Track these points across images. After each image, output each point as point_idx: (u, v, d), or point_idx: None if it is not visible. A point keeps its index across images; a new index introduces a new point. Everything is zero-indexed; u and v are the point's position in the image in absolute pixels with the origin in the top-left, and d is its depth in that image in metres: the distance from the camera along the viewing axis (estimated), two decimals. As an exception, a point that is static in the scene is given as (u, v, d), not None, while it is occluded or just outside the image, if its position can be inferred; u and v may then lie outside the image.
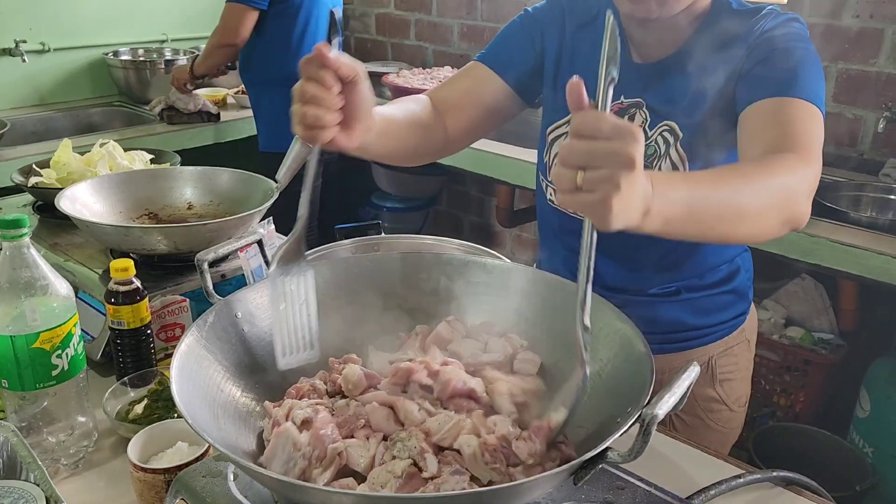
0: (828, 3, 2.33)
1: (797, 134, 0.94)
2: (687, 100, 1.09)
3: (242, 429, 0.84)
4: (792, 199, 0.88)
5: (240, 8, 2.44)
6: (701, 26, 1.10)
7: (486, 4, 3.27)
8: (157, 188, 1.54)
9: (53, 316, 0.96)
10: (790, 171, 0.88)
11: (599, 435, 0.74)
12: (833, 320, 2.32)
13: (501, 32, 1.26)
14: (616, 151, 0.64)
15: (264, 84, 2.61)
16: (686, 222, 0.78)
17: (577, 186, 0.66)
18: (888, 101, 2.26)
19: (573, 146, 0.66)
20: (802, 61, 1.01)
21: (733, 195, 0.83)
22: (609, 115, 0.66)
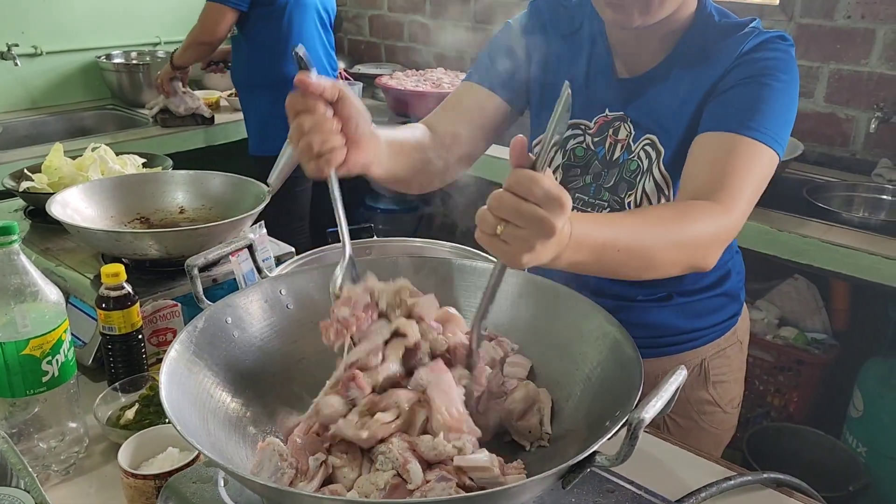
0: (819, 3, 2.34)
1: (731, 183, 0.95)
2: (668, 115, 1.09)
3: (233, 434, 0.84)
4: (701, 250, 0.92)
5: (218, 7, 2.46)
6: (683, 39, 1.09)
7: (480, 7, 3.28)
8: (149, 192, 1.54)
9: (43, 322, 0.96)
10: (708, 222, 0.91)
11: (588, 438, 0.74)
12: (826, 320, 2.32)
13: (486, 49, 1.25)
14: (540, 219, 0.68)
15: (252, 87, 2.61)
16: (593, 266, 0.82)
17: (496, 234, 0.70)
18: (880, 101, 2.27)
19: (503, 200, 0.69)
20: (772, 95, 1.00)
21: (646, 246, 0.87)
22: (544, 179, 0.68)
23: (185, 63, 2.74)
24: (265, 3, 2.50)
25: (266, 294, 1.00)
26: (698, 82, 1.07)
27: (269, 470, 0.76)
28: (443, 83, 3.03)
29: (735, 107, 1.00)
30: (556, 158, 1.20)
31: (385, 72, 3.31)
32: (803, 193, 2.10)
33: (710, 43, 1.07)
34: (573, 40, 1.18)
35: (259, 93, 2.60)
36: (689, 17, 1.09)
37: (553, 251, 0.72)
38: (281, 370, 0.95)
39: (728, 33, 1.07)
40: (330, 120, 0.84)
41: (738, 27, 1.07)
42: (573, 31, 1.18)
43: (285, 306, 1.00)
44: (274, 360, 0.96)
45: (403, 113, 3.03)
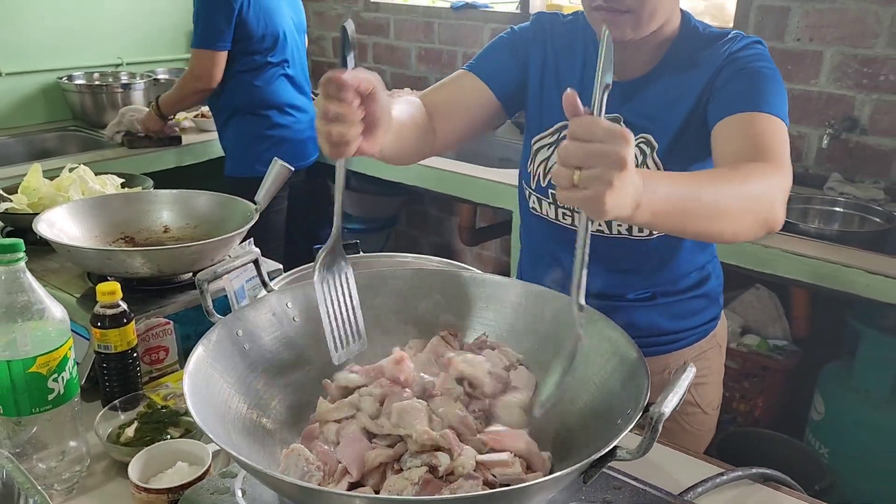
0: (771, 26, 2.47)
1: (767, 145, 1.01)
2: (661, 115, 1.16)
3: (253, 444, 0.85)
4: (767, 203, 0.95)
5: (209, 54, 2.47)
6: (672, 48, 1.18)
7: (443, 29, 3.34)
8: (133, 211, 1.54)
9: (50, 340, 0.96)
10: (764, 178, 0.95)
11: (601, 437, 0.78)
12: (787, 327, 2.42)
13: (488, 46, 1.32)
14: (609, 153, 0.71)
15: (232, 111, 2.62)
16: (671, 215, 0.85)
17: (574, 184, 0.72)
18: (830, 119, 2.39)
19: (570, 148, 0.72)
20: (767, 79, 1.09)
21: (714, 194, 0.90)
22: (602, 121, 0.72)
23: (176, 112, 2.76)
24: (245, 37, 2.52)
25: (273, 307, 1.01)
26: (690, 83, 1.15)
27: (297, 474, 0.77)
28: (410, 103, 3.07)
29: (741, 92, 1.08)
30: (552, 156, 1.25)
31: (351, 92, 3.33)
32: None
33: (696, 51, 1.16)
34: (569, 51, 1.25)
35: (238, 117, 2.61)
36: (674, 29, 1.18)
37: (632, 193, 0.74)
38: (291, 380, 0.97)
39: (713, 41, 1.16)
40: (354, 112, 0.85)
41: (721, 35, 1.17)
42: (569, 43, 1.25)
43: (292, 318, 1.02)
44: (284, 371, 0.98)
45: (371, 132, 3.06)
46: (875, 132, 2.35)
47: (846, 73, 2.36)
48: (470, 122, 1.28)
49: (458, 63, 3.33)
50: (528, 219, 1.35)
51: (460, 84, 1.29)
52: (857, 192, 2.32)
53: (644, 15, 1.08)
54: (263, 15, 2.53)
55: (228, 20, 2.45)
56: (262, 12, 2.53)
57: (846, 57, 2.35)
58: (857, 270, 1.87)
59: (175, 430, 1.11)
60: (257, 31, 2.53)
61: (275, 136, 2.63)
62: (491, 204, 2.61)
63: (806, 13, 2.39)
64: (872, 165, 2.39)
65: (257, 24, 2.52)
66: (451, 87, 1.29)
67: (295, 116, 2.70)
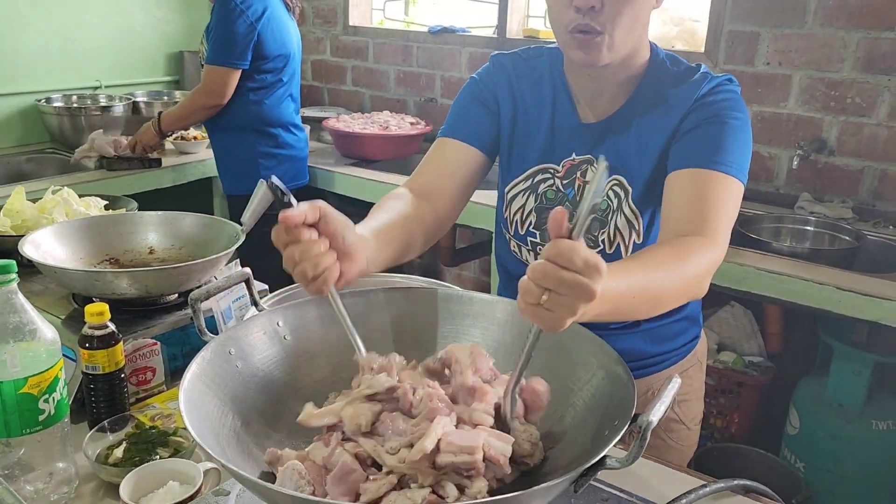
0: (741, 51, 2.54)
1: (710, 215, 1.04)
2: (633, 157, 1.18)
3: (247, 460, 0.86)
4: (698, 281, 1.00)
5: (224, 71, 2.50)
6: (640, 84, 1.19)
7: (422, 52, 3.39)
8: (118, 233, 1.54)
9: (41, 360, 0.97)
10: (700, 255, 0.99)
11: (591, 448, 0.80)
12: (761, 344, 2.47)
13: (456, 105, 1.31)
14: (582, 285, 0.71)
15: (238, 129, 2.63)
16: (610, 315, 0.87)
17: (540, 303, 0.74)
18: (799, 140, 2.47)
19: (546, 271, 0.72)
20: (732, 131, 1.10)
21: (655, 289, 0.93)
22: (582, 249, 0.72)
23: (181, 128, 2.78)
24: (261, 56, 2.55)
25: (264, 326, 1.03)
26: (660, 125, 1.16)
27: (291, 488, 0.79)
28: (390, 125, 3.11)
29: (700, 145, 1.10)
30: (528, 202, 1.26)
31: (330, 115, 3.37)
32: (736, 226, 2.25)
33: (665, 88, 1.17)
34: (536, 89, 1.26)
35: (244, 134, 2.63)
36: (643, 63, 1.19)
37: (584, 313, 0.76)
38: (283, 399, 0.98)
39: (682, 79, 1.17)
40: (317, 243, 0.87)
41: (690, 73, 1.18)
42: (535, 81, 1.26)
43: (282, 338, 1.04)
44: (276, 390, 0.99)
45: (351, 155, 3.09)
46: (843, 153, 2.43)
47: (814, 95, 2.44)
48: (465, 186, 1.27)
49: (436, 85, 3.38)
50: (505, 256, 1.37)
51: (444, 154, 1.27)
52: (826, 212, 2.38)
53: (618, 35, 1.09)
54: (278, 35, 2.58)
55: (247, 39, 2.49)
56: (278, 32, 2.57)
57: (814, 80, 2.43)
58: (828, 287, 1.92)
59: (164, 451, 1.11)
60: (273, 50, 2.57)
61: (281, 154, 2.67)
62: (470, 225, 2.64)
63: (775, 38, 2.47)
64: (841, 185, 2.46)
65: (273, 44, 2.56)
66: (437, 162, 1.28)
67: (297, 135, 2.75)
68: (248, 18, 2.47)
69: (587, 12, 1.07)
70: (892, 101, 2.32)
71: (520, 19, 3.21)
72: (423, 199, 1.21)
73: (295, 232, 0.86)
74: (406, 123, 3.18)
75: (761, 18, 2.49)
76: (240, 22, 2.46)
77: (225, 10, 2.47)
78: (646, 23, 1.15)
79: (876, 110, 2.35)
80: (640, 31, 1.14)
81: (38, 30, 3.12)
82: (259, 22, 2.49)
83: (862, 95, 2.36)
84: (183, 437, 1.14)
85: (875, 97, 2.34)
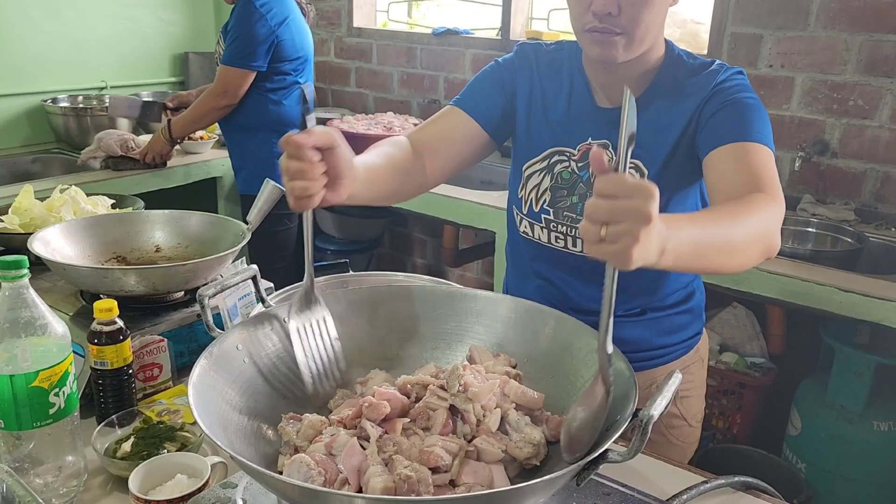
0: (744, 53, 2.56)
1: (762, 176, 1.06)
2: (650, 142, 1.20)
3: (255, 453, 0.87)
4: (769, 233, 1.00)
5: (240, 72, 2.53)
6: (659, 74, 1.22)
7: (425, 54, 3.41)
8: (125, 232, 1.56)
9: (51, 355, 0.98)
10: (766, 210, 1.00)
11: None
12: (763, 345, 2.48)
13: (474, 80, 1.36)
14: (635, 208, 0.73)
15: (253, 128, 2.66)
16: (692, 258, 0.88)
17: (602, 238, 0.74)
18: (802, 142, 2.47)
19: (598, 204, 0.74)
20: (752, 109, 1.14)
21: (727, 233, 0.94)
22: (628, 177, 0.74)
23: (190, 133, 2.80)
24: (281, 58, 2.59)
25: (270, 322, 1.04)
26: (678, 111, 1.19)
27: (300, 479, 0.80)
28: (394, 126, 3.13)
29: (729, 124, 1.13)
30: (544, 181, 1.29)
31: (335, 116, 3.38)
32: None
33: (682, 78, 1.21)
34: (555, 78, 1.30)
35: (261, 133, 2.66)
36: (659, 58, 1.22)
37: (657, 243, 0.77)
38: (290, 393, 1.00)
39: (698, 70, 1.21)
40: (315, 167, 0.90)
41: (706, 65, 1.22)
42: (555, 71, 1.30)
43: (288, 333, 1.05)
44: (282, 384, 1.00)
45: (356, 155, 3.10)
46: (845, 155, 2.44)
47: (816, 98, 2.45)
48: (459, 155, 1.32)
49: (439, 87, 3.40)
50: (517, 240, 1.39)
51: (448, 120, 1.33)
52: (828, 213, 2.39)
53: (636, 36, 1.13)
54: (297, 37, 2.61)
55: (265, 42, 2.52)
56: (297, 34, 2.61)
57: (816, 83, 2.44)
58: (829, 288, 1.94)
59: (171, 445, 1.13)
60: (292, 53, 2.60)
61: None
62: (474, 225, 2.65)
63: (777, 41, 2.49)
64: (843, 187, 2.47)
65: (292, 46, 2.60)
66: (439, 124, 1.33)
67: None
68: (267, 23, 2.50)
69: (604, 17, 1.11)
70: (894, 103, 2.33)
71: (523, 21, 3.22)
72: (417, 154, 1.26)
73: (303, 151, 0.89)
74: (410, 125, 3.19)
75: (764, 21, 2.50)
76: (259, 25, 2.49)
77: (246, 12, 2.50)
78: (661, 21, 1.18)
79: (878, 112, 2.36)
80: (656, 30, 1.17)
81: (44, 31, 3.15)
82: (279, 27, 2.53)
83: (864, 98, 2.37)
84: (190, 431, 1.15)
85: (877, 99, 2.35)
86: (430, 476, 0.82)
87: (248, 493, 0.90)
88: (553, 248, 1.29)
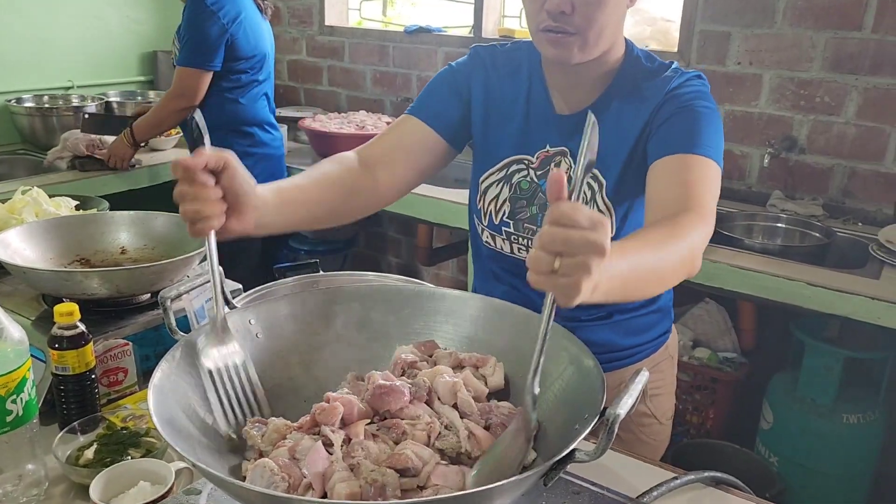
0: (712, 51, 2.57)
1: (696, 194, 1.05)
2: (606, 150, 1.18)
3: (219, 459, 0.86)
4: (693, 254, 1.00)
5: (196, 73, 2.49)
6: (616, 79, 1.21)
7: (398, 52, 3.39)
8: (88, 233, 1.53)
9: (8, 361, 0.96)
10: (693, 231, 0.99)
11: (562, 441, 0.81)
12: (735, 340, 2.50)
13: (428, 86, 1.32)
14: (592, 241, 0.70)
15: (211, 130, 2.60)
16: (620, 291, 0.85)
17: (553, 270, 0.71)
18: (770, 139, 2.50)
19: (553, 234, 0.70)
20: (703, 118, 1.13)
21: (655, 263, 0.93)
22: (583, 207, 0.71)
23: (151, 136, 2.76)
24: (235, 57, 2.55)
25: (236, 324, 1.02)
26: (633, 117, 1.18)
27: (262, 484, 0.78)
28: (366, 125, 3.11)
29: (677, 132, 1.12)
30: (502, 192, 1.27)
31: (307, 114, 3.36)
32: (709, 223, 2.28)
33: (640, 81, 1.19)
34: (513, 80, 1.27)
35: (220, 134, 2.61)
36: (618, 59, 1.21)
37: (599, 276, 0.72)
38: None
39: (655, 74, 1.19)
40: (207, 189, 0.89)
41: (662, 69, 1.20)
42: (513, 72, 1.27)
43: (255, 335, 1.03)
44: (247, 387, 0.98)
45: (328, 154, 3.07)
46: (813, 151, 2.47)
47: (784, 95, 2.48)
48: (416, 165, 1.28)
49: (412, 85, 3.38)
50: (480, 248, 1.37)
51: (403, 130, 1.29)
52: (797, 209, 2.42)
53: (591, 37, 1.11)
54: (252, 35, 2.57)
55: (219, 41, 2.48)
56: (251, 32, 2.57)
57: (784, 80, 2.47)
58: (799, 283, 1.95)
59: (136, 451, 1.11)
60: (247, 51, 2.57)
61: (258, 152, 2.66)
62: (447, 224, 2.65)
63: (745, 38, 2.51)
64: (811, 183, 2.50)
65: (247, 44, 2.56)
66: (394, 135, 1.29)
67: (273, 134, 2.74)
68: (219, 20, 2.46)
69: (558, 16, 1.09)
70: (859, 99, 2.36)
71: (495, 19, 3.22)
72: (366, 168, 1.22)
73: (193, 174, 0.88)
74: (382, 123, 3.17)
75: (732, 19, 2.52)
76: (211, 24, 2.45)
77: (196, 11, 2.45)
78: (619, 21, 1.16)
79: (844, 109, 2.39)
80: (613, 30, 1.15)
81: (9, 29, 3.08)
82: (232, 25, 2.49)
83: (830, 94, 2.40)
84: (154, 437, 1.13)
85: (843, 96, 2.38)
86: (398, 480, 0.81)
87: (213, 500, 0.89)
88: (516, 258, 1.28)
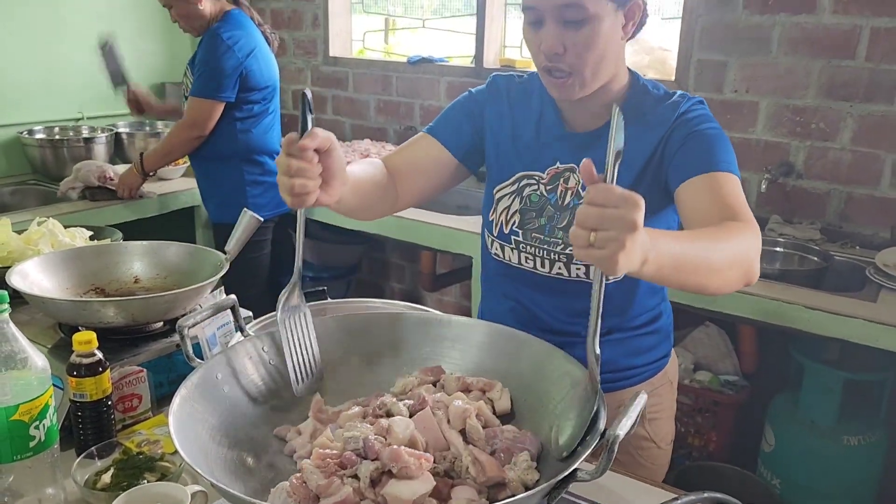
0: (709, 79, 2.63)
1: (734, 205, 1.11)
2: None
3: (235, 481, 0.89)
4: (748, 258, 1.05)
5: (210, 104, 2.56)
6: (625, 105, 1.26)
7: (401, 82, 3.46)
8: (103, 264, 1.57)
9: (31, 388, 0.99)
10: (743, 236, 1.05)
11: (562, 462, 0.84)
12: (736, 363, 2.52)
13: (447, 109, 1.41)
14: (622, 217, 0.79)
15: (224, 158, 2.68)
16: (672, 271, 0.93)
17: (590, 244, 0.81)
18: (768, 165, 2.54)
19: (588, 211, 0.80)
20: (715, 139, 1.19)
21: (706, 253, 0.99)
22: (616, 187, 0.81)
23: (162, 166, 2.83)
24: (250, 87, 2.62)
25: (249, 351, 1.06)
26: (643, 139, 1.23)
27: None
28: (370, 153, 3.16)
29: (696, 154, 1.18)
30: (513, 204, 1.33)
31: (311, 143, 3.40)
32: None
33: (647, 108, 1.25)
34: (526, 104, 1.35)
35: (232, 163, 2.69)
36: (623, 87, 1.27)
37: (640, 252, 0.82)
38: (270, 420, 1.02)
39: (662, 101, 1.26)
40: (314, 167, 0.97)
41: (668, 96, 1.27)
42: (526, 98, 1.35)
43: (268, 362, 1.07)
44: (263, 413, 1.03)
45: (332, 182, 3.13)
46: (809, 176, 2.52)
47: (781, 121, 2.53)
48: (430, 181, 1.37)
49: (415, 114, 3.45)
50: (489, 264, 1.42)
51: (420, 146, 1.38)
52: (795, 233, 2.46)
53: (587, 74, 1.18)
54: (265, 67, 2.66)
55: (234, 73, 2.56)
56: (265, 64, 2.65)
57: (780, 107, 2.52)
58: (798, 307, 1.99)
59: (151, 476, 1.14)
60: (260, 82, 2.64)
61: (268, 181, 2.73)
62: (451, 250, 2.69)
63: (742, 66, 2.56)
64: (808, 207, 2.54)
65: (260, 76, 2.64)
66: (411, 150, 1.39)
67: None
68: (235, 54, 2.54)
69: (553, 56, 1.17)
70: (854, 126, 2.41)
71: (496, 49, 3.29)
72: (391, 176, 1.32)
73: (305, 151, 0.95)
74: (386, 151, 3.23)
75: (729, 48, 2.58)
76: (227, 57, 2.53)
77: (213, 45, 2.53)
78: (616, 55, 1.22)
79: (839, 135, 2.44)
80: (611, 64, 1.22)
81: (20, 62, 3.15)
82: (247, 58, 2.57)
83: (826, 121, 2.45)
84: (170, 462, 1.16)
85: (838, 122, 2.43)
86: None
87: (229, 521, 0.92)
88: (523, 268, 1.33)
